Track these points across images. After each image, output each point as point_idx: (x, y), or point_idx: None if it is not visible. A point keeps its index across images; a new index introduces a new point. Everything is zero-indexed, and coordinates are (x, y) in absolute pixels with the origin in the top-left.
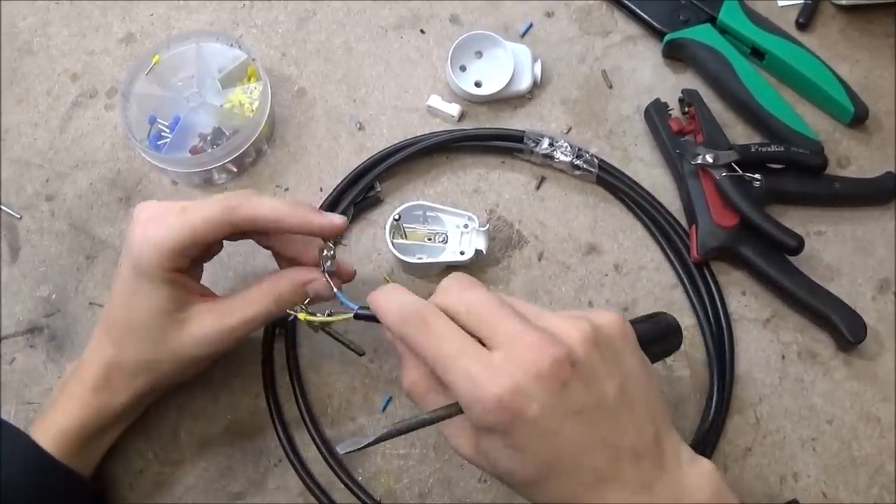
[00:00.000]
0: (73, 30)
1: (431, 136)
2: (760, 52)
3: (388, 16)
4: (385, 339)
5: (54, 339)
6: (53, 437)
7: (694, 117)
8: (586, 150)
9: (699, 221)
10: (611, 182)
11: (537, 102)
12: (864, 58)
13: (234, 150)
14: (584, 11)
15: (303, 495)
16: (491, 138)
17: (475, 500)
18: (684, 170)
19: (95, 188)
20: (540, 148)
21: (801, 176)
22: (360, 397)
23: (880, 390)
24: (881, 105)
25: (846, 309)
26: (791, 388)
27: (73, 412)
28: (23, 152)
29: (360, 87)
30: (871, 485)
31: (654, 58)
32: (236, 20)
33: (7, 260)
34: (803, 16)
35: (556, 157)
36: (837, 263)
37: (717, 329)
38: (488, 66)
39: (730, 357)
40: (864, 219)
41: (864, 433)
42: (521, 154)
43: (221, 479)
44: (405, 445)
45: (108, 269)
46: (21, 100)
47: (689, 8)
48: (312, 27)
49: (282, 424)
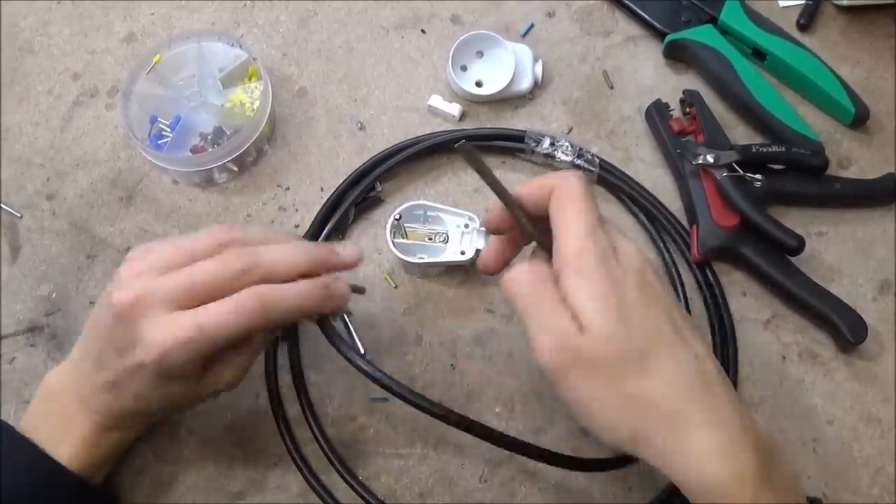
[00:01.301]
0: (74, 29)
1: (432, 136)
2: (761, 52)
3: (390, 16)
4: (386, 340)
5: (55, 338)
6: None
7: (695, 118)
8: (587, 150)
9: (700, 221)
10: (612, 182)
11: (538, 102)
12: (865, 59)
13: (235, 149)
14: (586, 11)
15: (303, 495)
16: (492, 138)
17: (475, 499)
18: (685, 170)
19: (96, 187)
20: (541, 148)
21: (801, 177)
22: (360, 397)
23: (881, 391)
24: (882, 106)
25: (847, 309)
26: (791, 388)
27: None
28: (24, 151)
29: (361, 87)
30: (872, 485)
31: (656, 58)
32: (237, 20)
33: (8, 259)
34: (804, 17)
35: (558, 157)
36: (838, 264)
37: (721, 328)
38: (489, 66)
39: (733, 357)
40: (864, 220)
41: (864, 434)
42: (522, 154)
43: (221, 478)
44: (405, 445)
45: (109, 268)
46: (22, 99)
47: (690, 8)
48: (313, 27)
49: (285, 423)
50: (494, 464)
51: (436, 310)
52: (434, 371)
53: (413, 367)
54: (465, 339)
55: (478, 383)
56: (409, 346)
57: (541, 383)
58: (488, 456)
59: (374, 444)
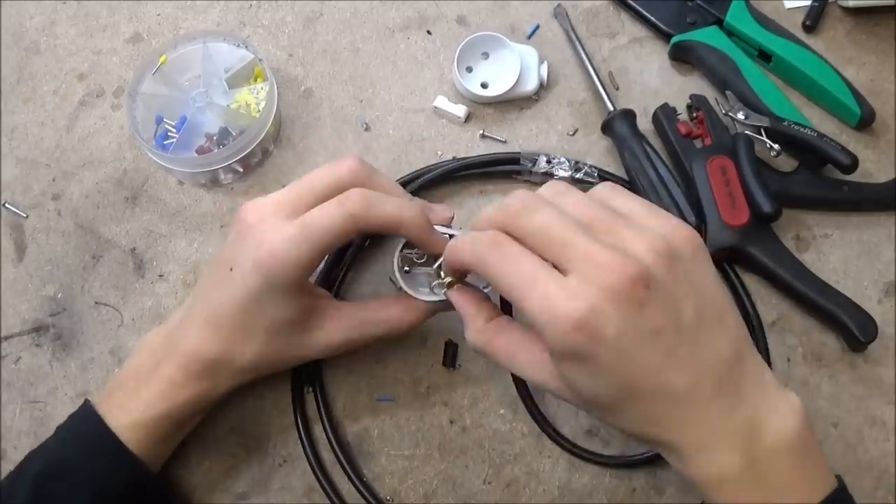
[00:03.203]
0: (80, 29)
1: (432, 168)
2: (767, 54)
3: (395, 17)
4: (391, 342)
5: (60, 338)
6: (130, 426)
7: (702, 122)
8: (584, 163)
9: (708, 221)
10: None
11: (544, 104)
12: (871, 60)
13: (241, 150)
14: (591, 13)
15: (307, 495)
16: (488, 164)
17: (480, 500)
18: (693, 171)
19: (102, 187)
20: (538, 167)
21: (809, 179)
22: (365, 398)
23: (885, 394)
24: (888, 108)
25: (856, 308)
26: (796, 390)
27: (164, 397)
28: (29, 151)
29: (366, 88)
30: (877, 488)
31: (661, 60)
32: (243, 20)
33: (13, 259)
34: (810, 18)
35: (556, 174)
36: (843, 266)
37: (748, 323)
38: (495, 68)
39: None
40: (870, 223)
41: (869, 436)
42: (520, 176)
43: (226, 479)
44: (410, 446)
45: (114, 268)
46: (28, 99)
47: (695, 10)
48: (319, 28)
49: (304, 422)
50: (498, 465)
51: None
52: (439, 372)
53: (418, 369)
54: None
55: (482, 385)
56: (414, 347)
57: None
58: (492, 457)
59: (379, 445)
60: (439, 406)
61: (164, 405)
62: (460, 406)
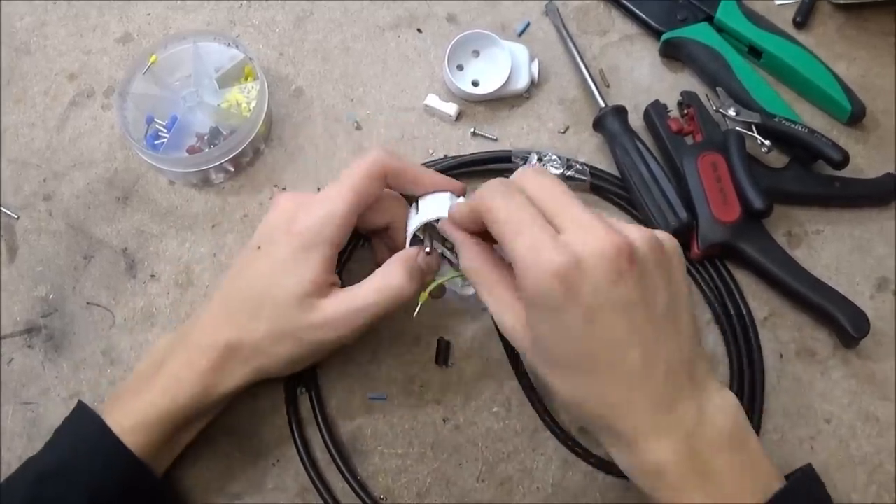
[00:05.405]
0: (70, 29)
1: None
2: (758, 50)
3: (386, 15)
4: (384, 340)
5: (52, 338)
6: (132, 428)
7: (693, 118)
8: (576, 160)
9: (699, 217)
10: (604, 187)
11: (535, 101)
12: (862, 56)
13: (232, 149)
14: (582, 10)
15: (301, 495)
16: (479, 163)
17: (473, 498)
18: (684, 168)
19: (93, 188)
20: (529, 165)
21: (800, 175)
22: (358, 397)
23: (878, 389)
24: (878, 103)
25: (848, 304)
26: (789, 387)
27: (166, 395)
28: (20, 152)
29: (357, 87)
30: (870, 483)
31: (652, 57)
32: (233, 20)
33: (4, 260)
34: (800, 14)
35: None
36: (835, 262)
37: (740, 320)
38: (486, 66)
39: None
40: (862, 218)
41: (862, 432)
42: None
43: (220, 479)
44: (403, 445)
45: (106, 268)
46: (18, 100)
47: (686, 7)
48: (310, 27)
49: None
50: (492, 463)
51: (434, 309)
52: (432, 370)
53: (411, 367)
54: (464, 337)
55: (476, 382)
56: (407, 345)
57: (538, 383)
58: (486, 455)
59: (373, 444)
60: (432, 404)
61: (166, 404)
62: (453, 404)
